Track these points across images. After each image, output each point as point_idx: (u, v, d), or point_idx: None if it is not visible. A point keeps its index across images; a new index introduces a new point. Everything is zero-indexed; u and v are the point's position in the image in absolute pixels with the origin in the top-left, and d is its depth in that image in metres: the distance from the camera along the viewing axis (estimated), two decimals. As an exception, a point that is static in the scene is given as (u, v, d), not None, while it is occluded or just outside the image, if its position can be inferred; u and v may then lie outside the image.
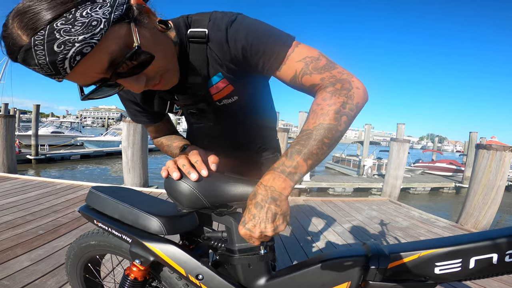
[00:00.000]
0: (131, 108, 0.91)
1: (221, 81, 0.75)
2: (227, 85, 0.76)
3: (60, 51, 0.45)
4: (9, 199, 3.45)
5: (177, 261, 0.68)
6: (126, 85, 0.57)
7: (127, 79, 0.55)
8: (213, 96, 0.78)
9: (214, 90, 0.77)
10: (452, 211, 10.19)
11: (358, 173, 16.02)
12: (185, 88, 0.76)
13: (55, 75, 0.48)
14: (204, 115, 0.86)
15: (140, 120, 0.94)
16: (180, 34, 0.69)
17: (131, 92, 0.85)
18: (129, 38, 0.52)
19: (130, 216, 0.75)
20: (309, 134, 0.59)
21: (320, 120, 0.59)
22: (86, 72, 0.50)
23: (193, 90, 0.76)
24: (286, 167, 0.58)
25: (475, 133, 15.48)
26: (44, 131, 19.91)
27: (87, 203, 0.87)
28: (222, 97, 0.79)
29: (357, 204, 4.76)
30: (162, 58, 0.60)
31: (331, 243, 2.93)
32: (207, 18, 0.68)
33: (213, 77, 0.74)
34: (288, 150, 0.60)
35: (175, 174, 0.67)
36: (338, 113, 0.59)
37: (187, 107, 0.84)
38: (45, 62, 0.45)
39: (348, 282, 0.63)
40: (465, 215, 4.31)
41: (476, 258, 0.57)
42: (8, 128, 5.70)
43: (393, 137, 6.90)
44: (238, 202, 0.67)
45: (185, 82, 0.74)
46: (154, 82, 0.62)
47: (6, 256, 2.04)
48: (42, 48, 0.44)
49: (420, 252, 0.60)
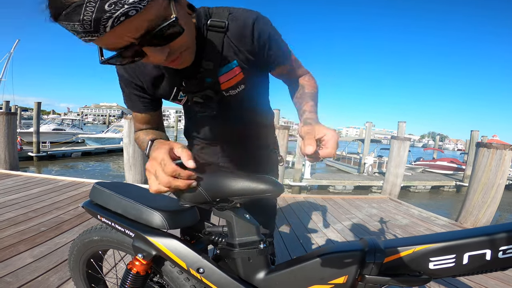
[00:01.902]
0: (131, 92, 0.88)
1: (235, 68, 0.83)
2: (238, 73, 0.84)
3: (109, 10, 0.48)
4: (12, 196, 3.47)
5: (179, 255, 0.70)
6: (150, 54, 0.60)
7: (153, 48, 0.59)
8: (221, 84, 0.84)
9: (224, 78, 0.83)
10: (452, 209, 10.18)
11: (358, 171, 16.03)
12: (196, 73, 0.80)
13: (92, 33, 0.50)
14: (209, 104, 0.88)
15: (136, 106, 0.91)
16: (199, 22, 0.76)
17: (138, 74, 0.84)
18: (167, 11, 0.56)
19: (133, 211, 0.77)
20: (315, 94, 0.91)
21: (314, 86, 0.95)
22: (122, 34, 0.53)
23: (203, 75, 0.80)
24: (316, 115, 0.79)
25: (477, 132, 15.43)
26: (46, 128, 19.95)
27: (91, 199, 0.89)
28: (230, 86, 0.85)
29: (357, 202, 4.77)
30: (186, 35, 0.64)
31: (330, 240, 2.95)
32: (227, 11, 0.78)
33: (227, 65, 0.82)
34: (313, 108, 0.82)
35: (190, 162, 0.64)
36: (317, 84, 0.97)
37: (193, 94, 0.85)
38: (89, 19, 0.48)
39: (345, 276, 0.64)
40: (465, 214, 4.32)
41: (470, 254, 0.57)
42: (9, 125, 5.71)
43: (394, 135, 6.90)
44: (238, 196, 0.68)
45: (197, 66, 0.78)
46: (173, 57, 0.65)
47: (9, 253, 2.06)
48: (93, 5, 0.47)
49: (415, 247, 0.61)
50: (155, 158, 0.65)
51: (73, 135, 21.12)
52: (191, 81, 0.82)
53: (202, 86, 0.83)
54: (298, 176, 10.75)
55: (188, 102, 0.92)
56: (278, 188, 0.69)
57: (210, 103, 0.87)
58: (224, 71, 0.82)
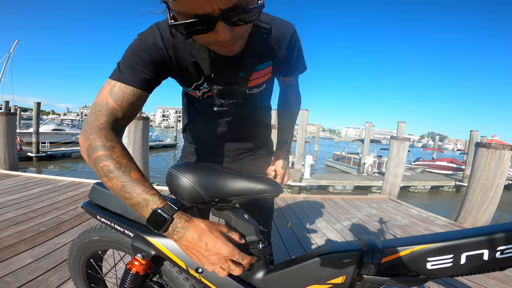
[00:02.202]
0: (144, 61, 0.74)
1: (267, 68, 0.90)
2: (267, 73, 0.92)
3: None
4: (11, 196, 3.47)
5: (178, 255, 0.70)
6: (220, 31, 0.59)
7: (225, 25, 0.59)
8: (250, 81, 0.88)
9: (255, 75, 0.88)
10: (452, 209, 10.19)
11: (358, 171, 16.04)
12: (232, 66, 0.81)
13: None
14: (229, 99, 0.89)
15: (133, 76, 0.73)
16: None
17: (176, 51, 0.79)
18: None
19: (132, 211, 0.76)
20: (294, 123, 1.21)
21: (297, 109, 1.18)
22: (213, 1, 0.53)
23: (238, 69, 0.83)
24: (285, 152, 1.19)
25: (476, 132, 15.45)
26: (45, 128, 19.94)
27: (90, 199, 0.89)
28: (256, 84, 0.92)
29: (356, 202, 4.78)
30: (251, 25, 0.68)
31: (330, 240, 2.95)
32: (268, 17, 0.83)
33: (262, 63, 0.88)
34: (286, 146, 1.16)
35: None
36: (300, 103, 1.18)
37: (219, 86, 0.85)
38: None
39: (344, 276, 0.64)
40: (464, 213, 4.32)
41: (467, 254, 0.57)
42: (9, 125, 5.71)
43: (393, 135, 6.90)
44: (237, 197, 0.69)
45: (237, 59, 0.79)
46: (232, 41, 0.64)
47: (9, 253, 2.05)
48: None
49: (413, 247, 0.61)
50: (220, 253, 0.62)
51: (73, 136, 21.08)
52: (224, 72, 0.82)
53: (232, 80, 0.84)
54: (297, 176, 10.75)
55: (204, 95, 0.91)
56: (277, 188, 0.70)
57: (231, 98, 0.89)
58: (258, 69, 0.88)
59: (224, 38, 0.61)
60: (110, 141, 0.67)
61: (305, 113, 10.12)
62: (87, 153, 0.67)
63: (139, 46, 0.75)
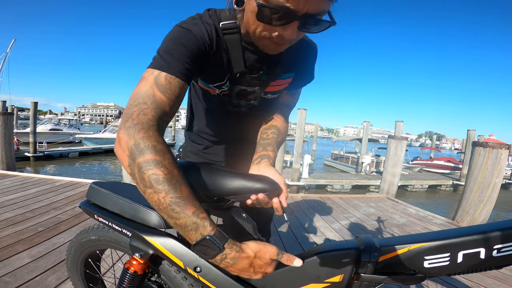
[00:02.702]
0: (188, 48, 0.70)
1: (289, 79, 0.93)
2: (285, 83, 0.94)
3: None
4: (9, 196, 3.46)
5: (176, 254, 0.70)
6: (291, 29, 0.64)
7: (297, 26, 0.63)
8: (269, 86, 0.90)
9: (276, 82, 0.91)
10: (449, 208, 10.23)
11: (356, 170, 16.07)
12: (261, 68, 0.84)
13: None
14: (247, 98, 0.91)
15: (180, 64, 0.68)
16: None
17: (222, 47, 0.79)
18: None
19: (130, 210, 0.77)
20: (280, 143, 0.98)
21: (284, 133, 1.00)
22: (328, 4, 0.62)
23: (265, 72, 0.85)
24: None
25: (473, 131, 15.52)
26: (42, 128, 19.89)
27: (88, 198, 0.89)
28: (273, 91, 0.93)
29: (354, 201, 4.79)
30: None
31: (328, 239, 2.96)
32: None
33: (287, 73, 0.91)
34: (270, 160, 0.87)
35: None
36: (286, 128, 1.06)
37: (240, 86, 0.87)
38: None
39: (341, 275, 0.65)
40: (461, 212, 4.34)
41: (464, 253, 0.58)
42: (6, 125, 5.69)
43: (391, 134, 6.92)
44: (235, 196, 0.69)
45: (269, 62, 0.83)
46: (289, 42, 0.70)
47: (7, 253, 2.05)
48: None
49: (410, 246, 0.61)
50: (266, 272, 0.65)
51: (70, 135, 21.05)
52: (251, 74, 0.84)
53: (255, 82, 0.86)
54: (296, 176, 10.76)
55: (221, 92, 0.90)
56: (275, 187, 0.70)
57: (247, 99, 0.91)
58: (281, 77, 0.90)
59: (290, 36, 0.65)
60: (161, 143, 0.60)
61: (303, 112, 10.13)
62: (129, 154, 0.58)
63: (186, 36, 0.70)
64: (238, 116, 0.99)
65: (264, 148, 0.90)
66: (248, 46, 0.80)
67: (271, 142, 0.94)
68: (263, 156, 0.86)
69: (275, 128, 0.99)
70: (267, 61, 0.82)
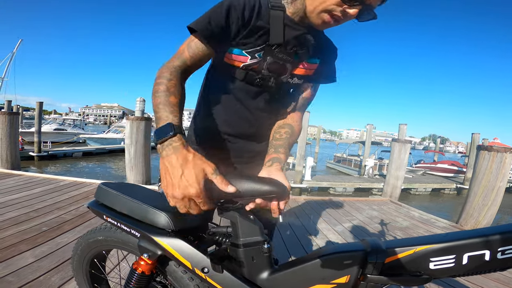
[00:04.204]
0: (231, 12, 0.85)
1: (315, 64, 0.99)
2: (312, 69, 0.99)
3: None
4: (13, 196, 3.49)
5: (184, 255, 0.71)
6: (357, 8, 0.77)
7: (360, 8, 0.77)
8: (295, 69, 0.96)
9: (304, 65, 0.96)
10: (453, 211, 10.17)
11: (359, 173, 16.02)
12: (296, 45, 0.91)
13: None
14: (272, 76, 0.94)
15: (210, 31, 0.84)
16: None
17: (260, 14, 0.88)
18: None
19: (138, 212, 0.78)
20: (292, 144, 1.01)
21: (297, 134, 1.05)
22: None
23: (297, 51, 0.92)
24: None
25: (477, 134, 15.43)
26: (47, 128, 20.01)
27: (96, 199, 0.90)
28: (300, 74, 0.97)
29: (357, 204, 4.78)
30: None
31: (331, 242, 2.96)
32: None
33: (314, 58, 0.98)
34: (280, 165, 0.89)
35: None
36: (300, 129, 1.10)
37: (273, 58, 0.91)
38: None
39: (348, 276, 0.65)
40: (465, 216, 4.32)
41: (469, 255, 0.58)
42: (12, 125, 5.74)
43: (395, 137, 6.90)
44: (243, 198, 0.70)
45: (304, 41, 0.91)
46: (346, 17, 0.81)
47: (11, 253, 2.06)
48: None
49: (416, 248, 0.62)
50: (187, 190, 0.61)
51: (75, 135, 21.14)
52: (286, 48, 0.90)
53: (287, 58, 0.92)
54: (298, 178, 10.75)
55: (250, 67, 0.91)
56: (283, 190, 0.70)
57: (276, 75, 0.94)
58: (309, 61, 0.97)
59: (352, 14, 0.78)
60: (173, 76, 0.82)
61: (306, 114, 10.12)
62: (155, 78, 0.83)
63: (232, 3, 0.85)
64: (260, 104, 0.98)
65: (276, 150, 0.94)
66: (289, 23, 0.90)
67: (283, 143, 0.97)
68: (275, 159, 0.90)
69: (288, 127, 1.02)
70: (302, 40, 0.91)
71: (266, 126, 1.04)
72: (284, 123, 1.03)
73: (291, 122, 1.03)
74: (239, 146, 1.04)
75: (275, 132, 1.01)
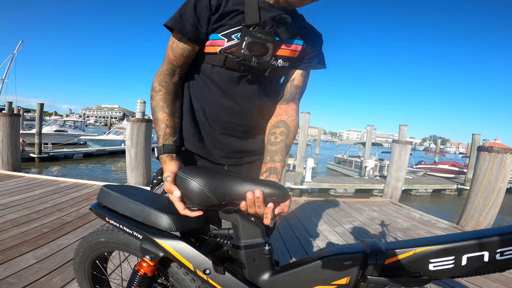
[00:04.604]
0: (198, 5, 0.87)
1: (298, 45, 0.96)
2: (297, 50, 0.97)
3: None
4: (14, 197, 3.48)
5: (186, 256, 0.71)
6: None
7: None
8: (278, 49, 0.93)
9: (286, 46, 0.94)
10: (454, 212, 10.16)
11: (359, 174, 16.00)
12: (274, 24, 0.90)
13: None
14: (253, 55, 0.89)
15: (186, 25, 0.87)
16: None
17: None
18: None
19: (141, 214, 0.78)
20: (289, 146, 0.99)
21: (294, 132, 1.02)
22: None
23: (277, 32, 0.90)
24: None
25: (478, 135, 15.42)
26: (48, 129, 20.01)
27: (99, 201, 0.90)
28: (282, 54, 0.94)
29: (358, 205, 4.78)
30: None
31: (331, 243, 2.95)
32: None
33: (296, 40, 0.96)
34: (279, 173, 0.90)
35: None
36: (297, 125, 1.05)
37: (253, 39, 0.88)
38: None
39: (348, 277, 0.66)
40: (466, 217, 4.32)
41: (468, 256, 0.59)
42: (13, 126, 5.75)
43: (395, 138, 6.90)
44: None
45: (282, 21, 0.91)
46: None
47: (12, 254, 2.06)
48: None
49: (415, 249, 0.62)
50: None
51: (75, 137, 21.15)
52: (264, 28, 0.89)
53: (267, 38, 0.89)
54: (299, 179, 10.75)
55: (228, 49, 0.89)
56: (284, 192, 0.71)
57: (259, 54, 0.90)
58: (292, 42, 0.95)
59: None
60: (162, 85, 0.92)
61: (306, 115, 10.14)
62: (151, 89, 0.93)
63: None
64: (244, 89, 0.94)
65: (272, 158, 0.91)
66: (264, 5, 0.90)
67: (280, 148, 0.93)
68: (271, 170, 0.89)
69: (284, 125, 0.97)
70: (280, 20, 0.90)
71: (256, 117, 0.99)
72: (278, 120, 0.98)
73: (286, 118, 0.98)
74: (227, 144, 0.99)
75: (270, 133, 0.96)
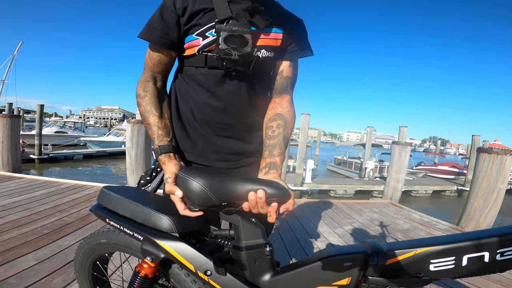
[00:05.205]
0: (168, 13, 0.88)
1: (278, 34, 0.93)
2: (278, 39, 0.93)
3: None
4: (14, 198, 3.49)
5: (187, 258, 0.71)
6: None
7: None
8: (258, 39, 0.90)
9: (264, 35, 0.91)
10: (454, 213, 10.15)
11: (359, 175, 16.00)
12: (247, 15, 0.88)
13: None
14: (233, 47, 0.85)
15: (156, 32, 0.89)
16: None
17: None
18: None
19: (141, 215, 0.79)
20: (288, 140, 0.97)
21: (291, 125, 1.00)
22: None
23: (252, 22, 0.87)
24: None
25: (478, 136, 15.43)
26: (48, 131, 20.03)
27: (99, 202, 0.91)
28: (264, 44, 0.91)
29: (358, 206, 4.77)
30: None
31: (331, 244, 2.95)
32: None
33: (275, 28, 0.93)
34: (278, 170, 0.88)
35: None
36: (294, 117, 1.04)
37: (228, 32, 0.84)
38: None
39: (349, 278, 0.66)
40: (466, 218, 4.32)
41: (469, 256, 0.59)
42: (13, 128, 5.75)
43: (395, 140, 6.90)
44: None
45: (255, 11, 0.88)
46: None
47: (13, 255, 2.06)
48: None
49: (416, 250, 0.63)
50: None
51: (75, 138, 21.17)
52: (239, 21, 0.86)
53: (243, 29, 0.85)
54: (299, 181, 10.74)
55: (206, 48, 0.87)
56: (285, 193, 0.71)
57: (238, 46, 0.85)
58: (269, 31, 0.92)
59: None
60: (146, 90, 0.94)
61: (306, 117, 10.14)
62: (136, 95, 0.95)
63: (163, 4, 0.89)
64: (231, 87, 0.92)
65: (270, 152, 0.89)
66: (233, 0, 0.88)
67: (278, 141, 0.91)
68: (271, 165, 0.87)
69: (280, 117, 0.94)
70: (253, 10, 0.88)
71: (248, 113, 0.97)
72: (274, 113, 0.95)
73: (281, 111, 0.95)
74: (223, 146, 0.97)
75: (267, 128, 0.94)
